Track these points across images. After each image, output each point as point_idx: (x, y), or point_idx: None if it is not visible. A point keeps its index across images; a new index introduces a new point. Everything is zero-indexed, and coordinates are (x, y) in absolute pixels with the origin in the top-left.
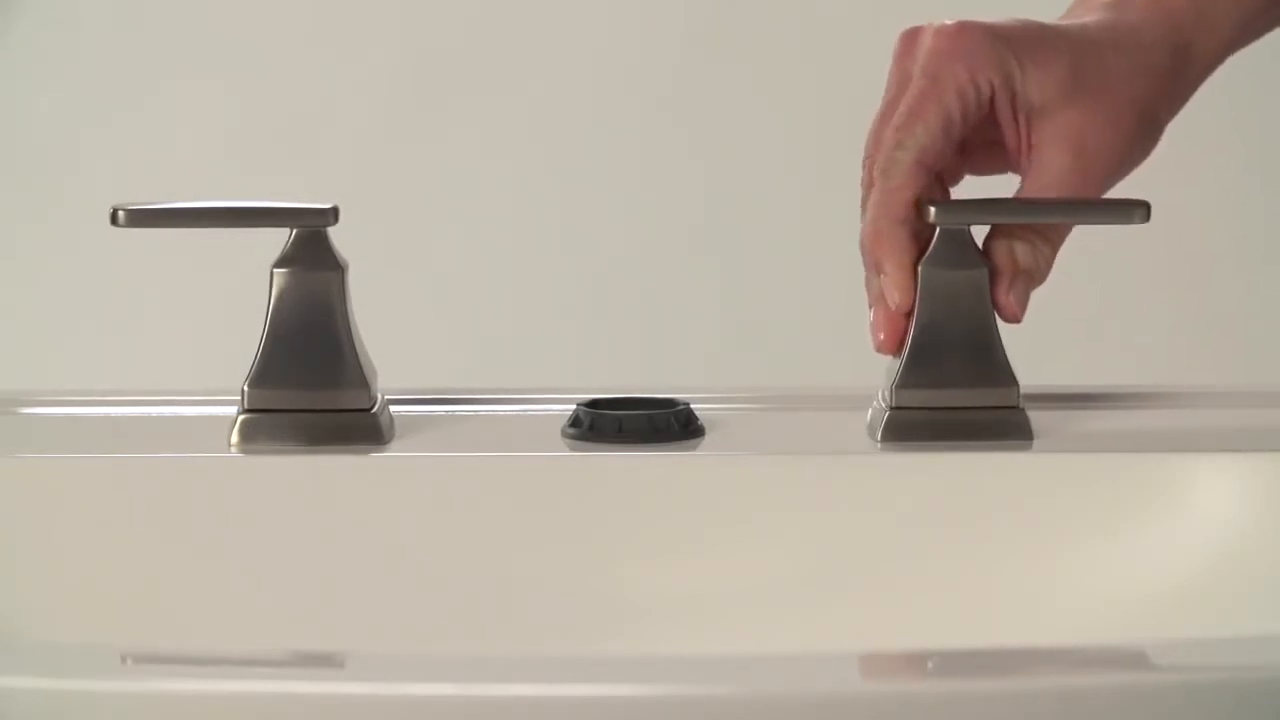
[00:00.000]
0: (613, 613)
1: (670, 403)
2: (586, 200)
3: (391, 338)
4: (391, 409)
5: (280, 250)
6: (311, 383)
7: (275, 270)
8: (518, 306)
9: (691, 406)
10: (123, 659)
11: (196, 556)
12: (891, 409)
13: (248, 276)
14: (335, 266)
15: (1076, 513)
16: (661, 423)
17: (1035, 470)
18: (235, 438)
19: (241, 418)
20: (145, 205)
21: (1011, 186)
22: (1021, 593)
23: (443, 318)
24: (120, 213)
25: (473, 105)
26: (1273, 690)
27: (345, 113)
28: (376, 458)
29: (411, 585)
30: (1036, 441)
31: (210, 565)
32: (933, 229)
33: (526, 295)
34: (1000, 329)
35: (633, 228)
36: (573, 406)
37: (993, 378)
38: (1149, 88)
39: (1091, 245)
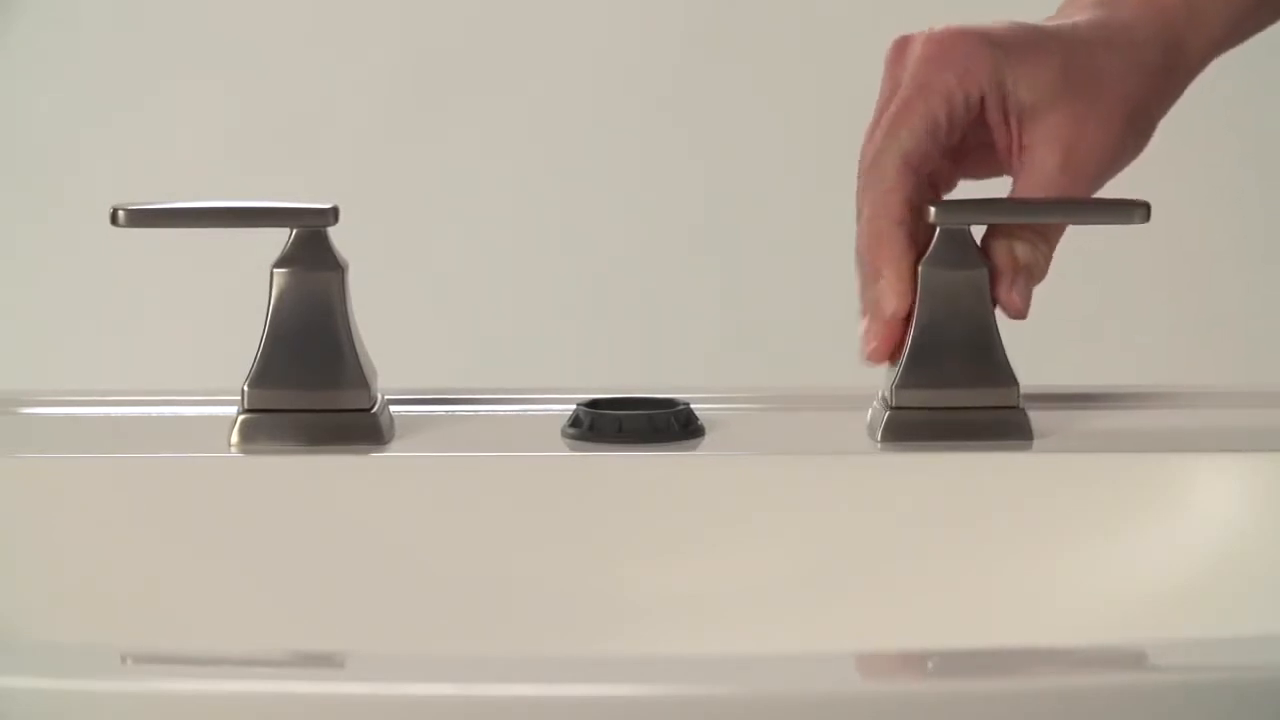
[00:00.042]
0: (613, 613)
1: (670, 403)
2: (586, 200)
3: (391, 338)
4: (391, 409)
5: (280, 250)
6: (311, 383)
7: (275, 270)
8: (518, 306)
9: (691, 406)
10: (123, 659)
11: (196, 556)
12: (891, 409)
13: (248, 276)
14: (335, 266)
15: (1076, 513)
16: (661, 423)
17: (1035, 470)
18: (235, 438)
19: (241, 418)
20: (145, 205)
21: (1006, 187)
22: (1021, 593)
23: (443, 318)
24: (120, 213)
25: (473, 105)
26: (1273, 690)
27: (345, 113)
28: (376, 458)
29: (411, 585)
30: (1036, 441)
31: (210, 565)
32: (929, 233)
33: (526, 295)
34: (1000, 329)
35: (633, 228)
36: (573, 406)
37: (993, 378)
38: (1141, 85)
39: (1091, 245)
